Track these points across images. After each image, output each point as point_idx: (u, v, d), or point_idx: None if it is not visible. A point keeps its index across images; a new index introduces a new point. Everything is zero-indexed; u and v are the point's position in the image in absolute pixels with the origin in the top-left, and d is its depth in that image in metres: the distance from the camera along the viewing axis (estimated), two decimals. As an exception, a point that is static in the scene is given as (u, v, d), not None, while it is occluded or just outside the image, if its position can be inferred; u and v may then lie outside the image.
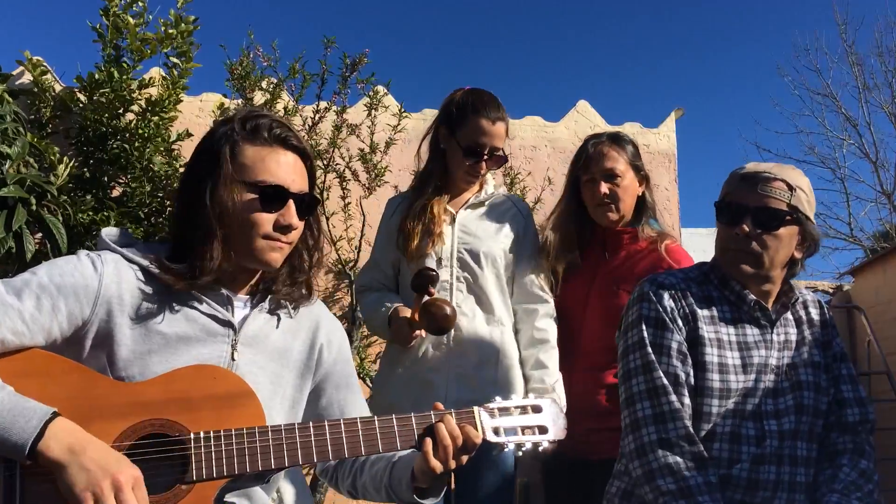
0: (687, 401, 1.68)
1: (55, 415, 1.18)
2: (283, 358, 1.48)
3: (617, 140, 2.37)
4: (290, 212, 1.40)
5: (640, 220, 2.36)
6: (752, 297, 1.75)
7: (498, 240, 2.30)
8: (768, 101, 33.56)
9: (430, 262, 2.21)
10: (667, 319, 1.72)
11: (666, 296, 1.74)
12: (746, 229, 1.69)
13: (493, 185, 2.42)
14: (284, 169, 1.41)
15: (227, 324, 1.40)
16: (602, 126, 5.53)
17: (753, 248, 1.70)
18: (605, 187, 2.29)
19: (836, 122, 17.89)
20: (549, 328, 2.29)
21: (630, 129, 5.58)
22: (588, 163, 2.33)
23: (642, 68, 33.17)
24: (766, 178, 1.71)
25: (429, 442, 1.36)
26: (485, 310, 2.24)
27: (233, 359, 1.39)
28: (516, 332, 2.31)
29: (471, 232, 2.28)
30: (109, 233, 1.45)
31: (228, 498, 1.34)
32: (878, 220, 14.20)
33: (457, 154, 2.28)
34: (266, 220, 1.38)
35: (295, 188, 1.41)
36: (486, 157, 2.28)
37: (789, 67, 25.83)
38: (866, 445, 1.75)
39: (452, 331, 2.15)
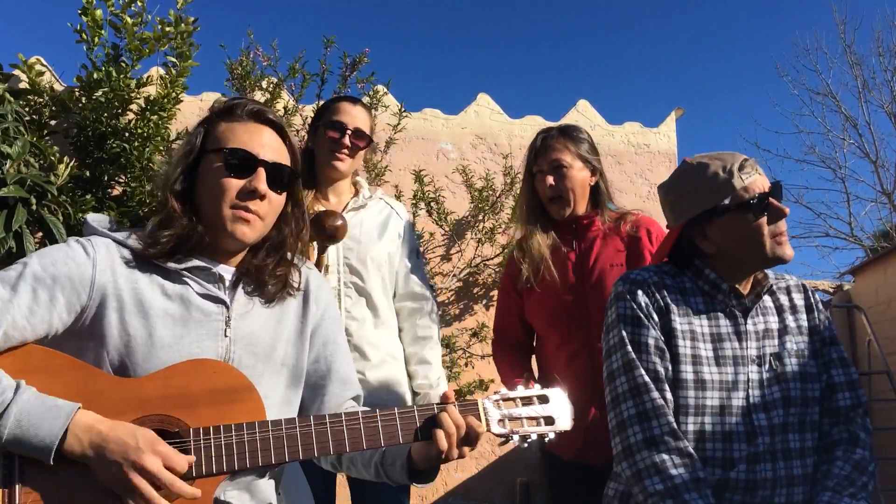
0: (669, 396, 1.68)
1: (77, 409, 1.19)
2: (279, 325, 1.46)
3: (565, 132, 2.40)
4: (258, 178, 1.39)
5: (597, 209, 2.40)
6: (727, 285, 1.75)
7: (382, 243, 2.35)
8: (768, 100, 33.55)
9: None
10: (642, 316, 1.72)
11: (640, 292, 1.75)
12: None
13: (367, 188, 2.45)
14: (254, 138, 1.42)
15: (219, 300, 1.40)
16: (602, 125, 5.53)
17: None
18: (549, 179, 2.34)
19: (836, 121, 17.92)
20: (431, 325, 2.40)
21: (630, 128, 5.58)
22: (536, 156, 2.39)
23: (642, 68, 33.18)
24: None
25: (440, 432, 1.34)
26: (373, 314, 2.30)
27: (226, 335, 1.38)
28: (400, 330, 2.40)
29: (355, 237, 2.29)
30: (96, 218, 1.45)
31: (230, 492, 1.33)
32: (878, 220, 14.20)
33: (322, 139, 2.32)
34: (233, 185, 1.38)
35: (265, 157, 1.41)
36: (349, 132, 2.31)
37: (789, 67, 25.81)
38: (861, 432, 1.74)
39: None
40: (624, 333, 1.72)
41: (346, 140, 2.31)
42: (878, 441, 5.32)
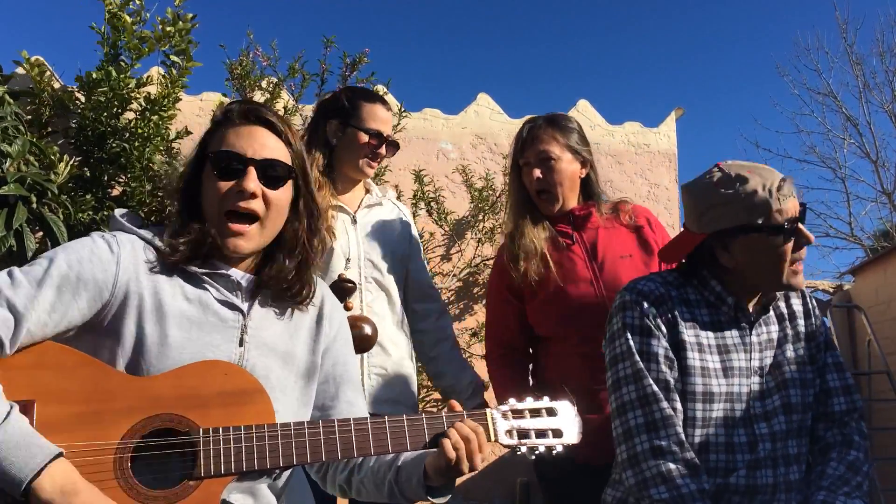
0: (679, 406, 1.67)
1: (58, 455, 1.15)
2: (291, 339, 1.47)
3: (553, 122, 2.29)
4: (248, 177, 1.38)
5: (591, 201, 2.33)
6: (732, 299, 1.73)
7: (396, 241, 2.36)
8: (768, 100, 33.57)
9: (340, 262, 2.21)
10: (651, 326, 1.70)
11: (646, 303, 1.73)
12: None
13: (376, 187, 2.46)
14: (244, 139, 1.41)
15: (236, 308, 1.40)
16: (602, 125, 5.53)
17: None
18: (537, 172, 2.24)
19: (836, 121, 17.93)
20: (449, 325, 2.47)
21: (630, 128, 5.58)
22: (523, 147, 2.29)
23: (642, 68, 33.20)
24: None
25: (447, 442, 1.34)
26: (392, 310, 2.31)
27: (241, 343, 1.38)
28: (417, 331, 2.43)
29: (372, 233, 2.32)
30: (123, 213, 1.45)
31: (234, 494, 1.33)
32: (878, 220, 14.20)
33: (354, 142, 2.29)
34: (222, 188, 1.38)
35: (254, 155, 1.40)
36: (386, 142, 2.34)
37: (789, 67, 25.81)
38: (855, 435, 1.74)
39: None
40: (631, 342, 1.70)
41: (383, 150, 2.34)
42: (878, 441, 5.31)
